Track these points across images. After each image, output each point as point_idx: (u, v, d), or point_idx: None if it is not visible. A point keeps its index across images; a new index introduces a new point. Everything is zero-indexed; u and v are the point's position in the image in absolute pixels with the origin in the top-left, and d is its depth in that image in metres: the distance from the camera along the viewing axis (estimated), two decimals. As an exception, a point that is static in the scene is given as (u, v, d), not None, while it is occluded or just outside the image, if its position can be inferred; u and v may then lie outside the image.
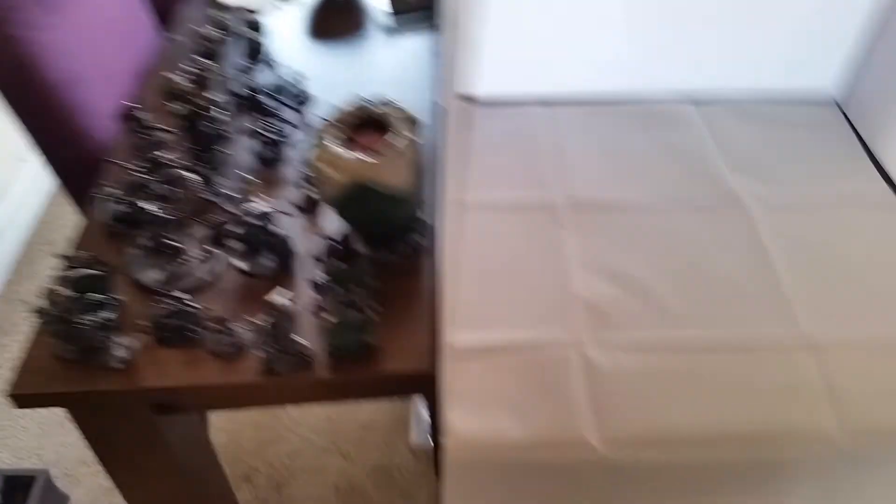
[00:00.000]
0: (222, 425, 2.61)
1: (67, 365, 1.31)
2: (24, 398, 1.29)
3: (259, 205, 1.43)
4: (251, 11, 2.09)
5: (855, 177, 1.62)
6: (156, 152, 1.58)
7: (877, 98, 1.69)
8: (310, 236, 1.52)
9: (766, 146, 1.69)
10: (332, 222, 1.53)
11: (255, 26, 2.04)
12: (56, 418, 2.63)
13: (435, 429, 1.13)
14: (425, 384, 1.27)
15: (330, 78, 2.02)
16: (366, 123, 1.41)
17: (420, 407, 2.57)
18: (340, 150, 1.32)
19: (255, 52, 2.00)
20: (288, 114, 1.84)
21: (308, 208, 1.59)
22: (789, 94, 1.82)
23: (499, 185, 1.61)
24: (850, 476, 1.22)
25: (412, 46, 2.20)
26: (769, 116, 1.77)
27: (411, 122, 1.40)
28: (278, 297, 1.25)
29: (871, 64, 1.73)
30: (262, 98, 1.83)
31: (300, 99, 1.89)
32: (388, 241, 1.49)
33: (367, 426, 2.62)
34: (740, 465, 1.19)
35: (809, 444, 1.17)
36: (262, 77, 1.95)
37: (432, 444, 1.13)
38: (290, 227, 1.52)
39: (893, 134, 1.61)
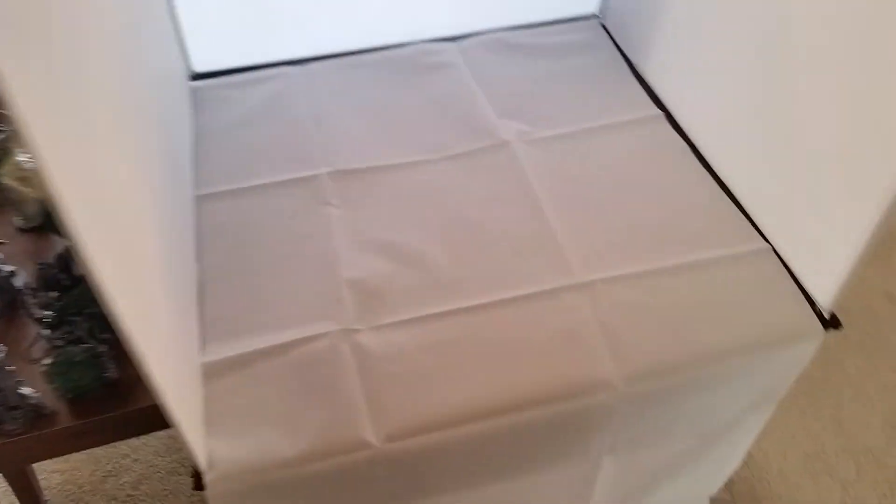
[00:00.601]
0: (56, 467, 2.35)
1: None
2: None
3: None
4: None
5: (617, 96, 1.58)
6: None
7: (629, 11, 1.65)
8: (31, 264, 1.31)
9: (533, 81, 1.61)
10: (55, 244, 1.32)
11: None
12: None
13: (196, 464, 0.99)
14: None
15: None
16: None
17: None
18: (30, 163, 1.12)
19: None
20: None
21: (28, 231, 1.36)
22: (554, 20, 1.76)
23: (255, 167, 1.44)
24: (633, 417, 1.19)
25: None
26: (535, 47, 1.70)
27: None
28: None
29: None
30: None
31: None
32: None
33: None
34: (524, 428, 1.13)
35: (592, 394, 1.12)
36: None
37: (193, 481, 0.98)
38: (11, 257, 1.30)
39: (648, 44, 1.58)
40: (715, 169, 1.41)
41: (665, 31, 1.51)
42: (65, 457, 2.47)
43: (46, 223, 1.21)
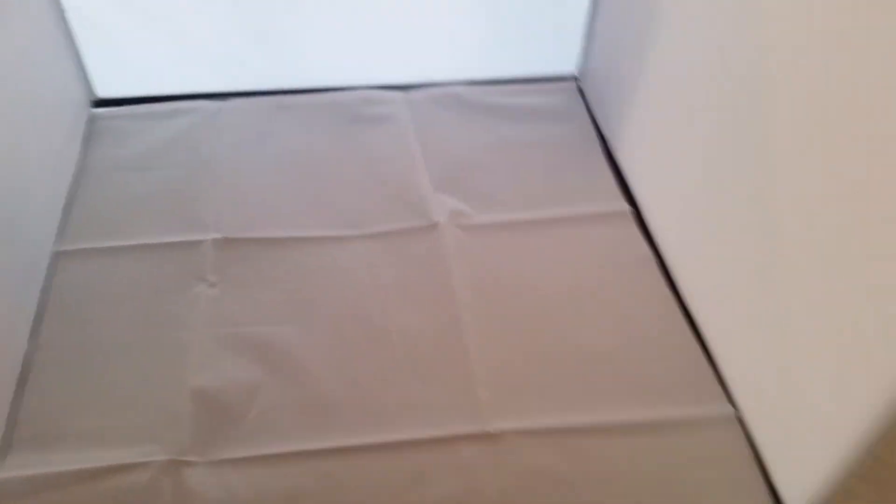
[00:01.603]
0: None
1: None
2: None
3: None
4: None
5: (581, 181, 1.31)
6: None
7: (610, 74, 1.39)
8: None
9: (485, 149, 1.36)
10: None
11: None
12: None
13: None
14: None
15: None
16: None
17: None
18: None
19: None
20: None
21: None
22: (524, 77, 1.50)
23: (135, 222, 1.21)
24: None
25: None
26: (495, 107, 1.44)
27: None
28: None
29: (595, 39, 1.44)
30: None
31: None
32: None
33: None
34: None
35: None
36: None
37: None
38: None
39: (624, 119, 1.31)
40: (682, 293, 1.14)
41: (644, 106, 1.24)
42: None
43: None
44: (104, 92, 1.42)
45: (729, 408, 1.00)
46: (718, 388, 1.03)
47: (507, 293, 1.13)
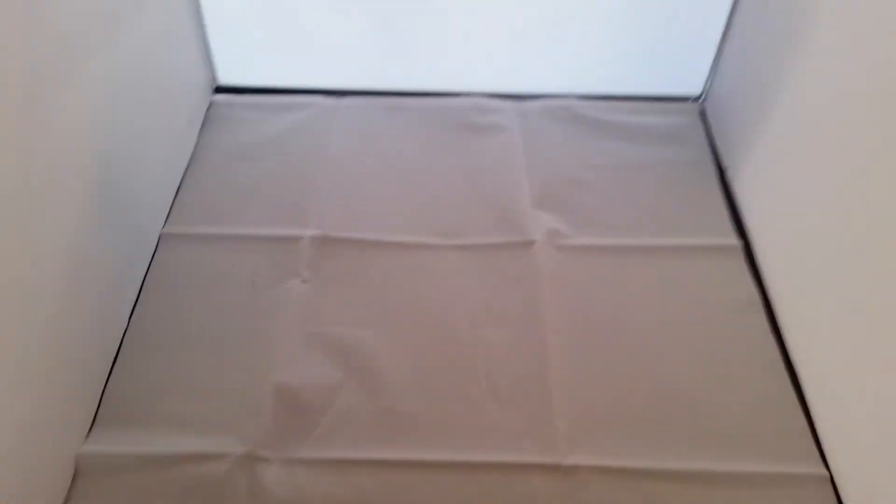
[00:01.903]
0: None
1: None
2: None
3: None
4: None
5: (691, 209, 1.24)
6: None
7: (736, 97, 1.31)
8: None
9: (593, 168, 1.31)
10: None
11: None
12: None
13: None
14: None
15: None
16: None
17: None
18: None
19: None
20: None
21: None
22: (644, 94, 1.45)
23: (240, 211, 1.24)
24: None
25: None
26: (609, 125, 1.39)
27: None
28: None
29: (725, 60, 1.35)
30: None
31: None
32: None
33: None
34: None
35: None
36: None
37: None
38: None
39: (747, 146, 1.23)
40: (786, 341, 1.06)
41: (771, 137, 1.16)
42: None
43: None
44: (225, 79, 1.46)
45: (822, 469, 0.93)
46: (813, 447, 0.95)
47: (598, 322, 1.09)
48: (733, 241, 1.19)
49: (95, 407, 0.99)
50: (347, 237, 1.20)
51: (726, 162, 1.30)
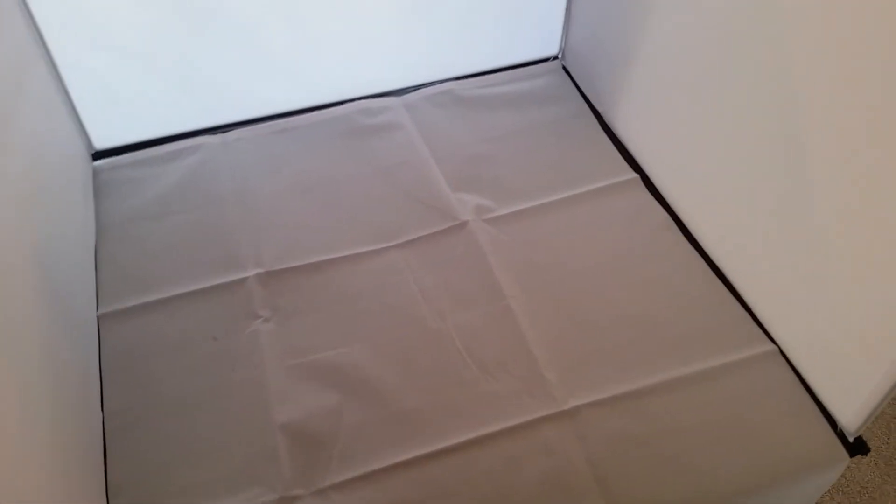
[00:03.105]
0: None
1: None
2: None
3: None
4: None
5: (586, 156, 1.37)
6: None
7: (590, 50, 1.45)
8: None
9: (489, 141, 1.40)
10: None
11: None
12: None
13: None
14: None
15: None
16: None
17: None
18: None
19: None
20: None
21: None
22: (508, 65, 1.55)
23: (169, 270, 1.21)
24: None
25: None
26: (488, 99, 1.49)
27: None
28: None
29: (575, 17, 1.49)
30: None
31: None
32: None
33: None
34: None
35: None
36: None
37: None
38: None
39: (615, 90, 1.38)
40: (704, 246, 1.22)
41: (636, 75, 1.31)
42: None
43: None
44: (101, 143, 1.40)
45: (770, 345, 1.09)
46: (757, 329, 1.12)
47: (547, 275, 1.19)
48: (631, 174, 1.33)
49: (105, 504, 0.96)
50: (291, 266, 1.21)
51: (600, 108, 1.44)
